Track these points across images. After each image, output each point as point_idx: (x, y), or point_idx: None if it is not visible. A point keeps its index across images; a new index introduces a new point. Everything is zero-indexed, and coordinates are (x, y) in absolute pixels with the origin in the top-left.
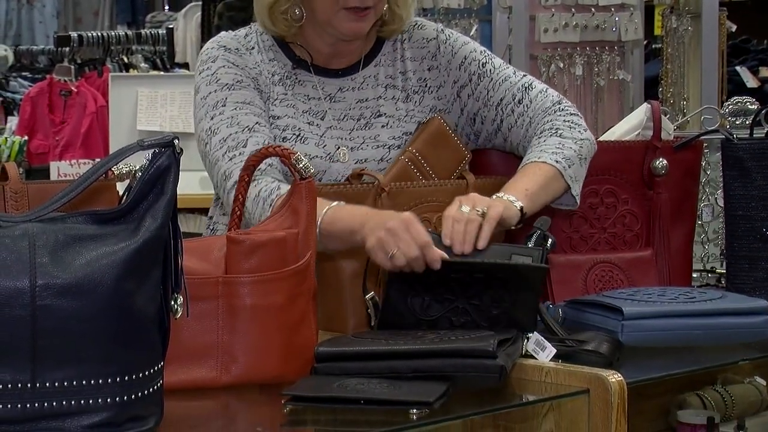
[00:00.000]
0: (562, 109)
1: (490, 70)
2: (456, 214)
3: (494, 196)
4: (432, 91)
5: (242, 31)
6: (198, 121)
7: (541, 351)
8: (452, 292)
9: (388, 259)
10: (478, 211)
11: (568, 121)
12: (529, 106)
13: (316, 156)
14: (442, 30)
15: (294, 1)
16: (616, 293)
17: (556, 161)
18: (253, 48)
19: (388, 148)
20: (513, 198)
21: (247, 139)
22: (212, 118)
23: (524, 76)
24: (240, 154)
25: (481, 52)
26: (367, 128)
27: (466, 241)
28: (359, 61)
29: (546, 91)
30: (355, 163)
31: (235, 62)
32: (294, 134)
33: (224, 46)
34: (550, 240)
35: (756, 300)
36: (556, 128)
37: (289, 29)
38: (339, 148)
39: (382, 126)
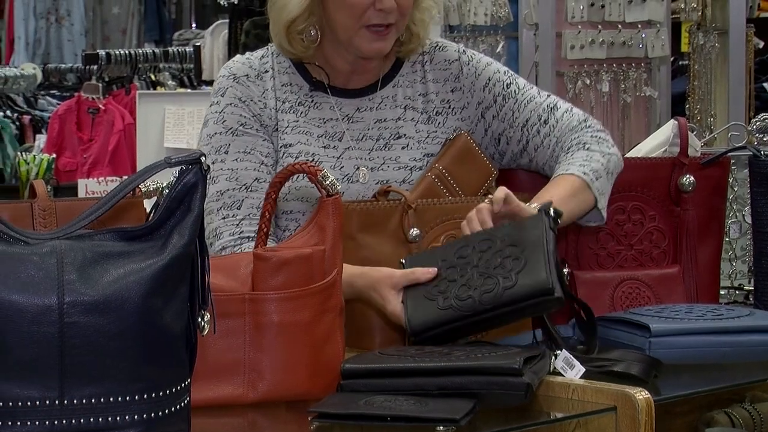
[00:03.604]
0: (589, 126)
1: (515, 91)
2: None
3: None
4: (456, 113)
5: (259, 52)
6: None
7: (570, 369)
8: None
9: None
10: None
11: (595, 136)
12: (555, 126)
13: (335, 179)
14: (463, 51)
15: (310, 22)
16: (643, 310)
17: (584, 173)
18: (267, 71)
19: (410, 169)
20: (536, 205)
21: (243, 200)
22: (213, 163)
23: (549, 96)
24: (233, 216)
25: (504, 72)
26: (386, 149)
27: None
28: (377, 81)
29: (571, 111)
30: (376, 183)
31: (241, 97)
32: (307, 160)
33: (234, 75)
34: (552, 210)
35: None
36: (584, 143)
37: (306, 50)
38: (359, 168)
39: (402, 147)
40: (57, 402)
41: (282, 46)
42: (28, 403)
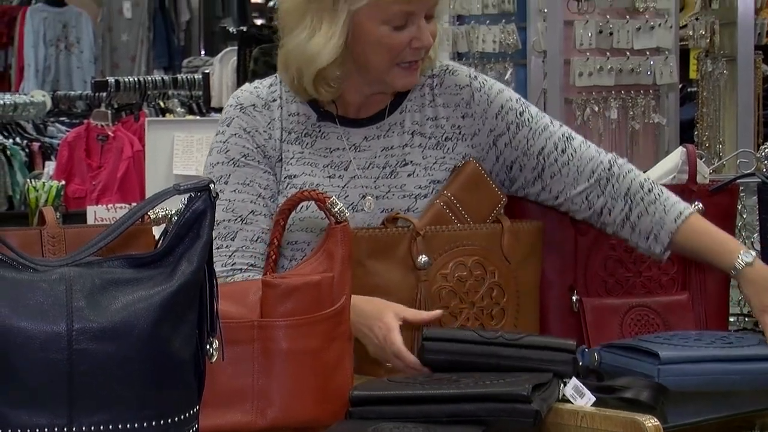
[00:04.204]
0: (615, 158)
1: (528, 119)
2: None
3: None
4: (466, 139)
5: (268, 80)
6: None
7: (579, 397)
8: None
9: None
10: None
11: (633, 168)
12: (574, 155)
13: None
14: (474, 77)
15: (340, 68)
16: (652, 337)
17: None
18: (275, 101)
19: (415, 197)
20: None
21: (237, 232)
22: None
23: (561, 125)
24: (227, 247)
25: (516, 100)
26: (392, 177)
27: None
28: (384, 109)
29: (586, 142)
30: (381, 212)
31: (246, 128)
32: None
33: (241, 105)
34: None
35: None
36: (640, 181)
37: (331, 94)
38: (365, 197)
39: (408, 175)
40: (66, 429)
41: (305, 90)
42: (37, 431)
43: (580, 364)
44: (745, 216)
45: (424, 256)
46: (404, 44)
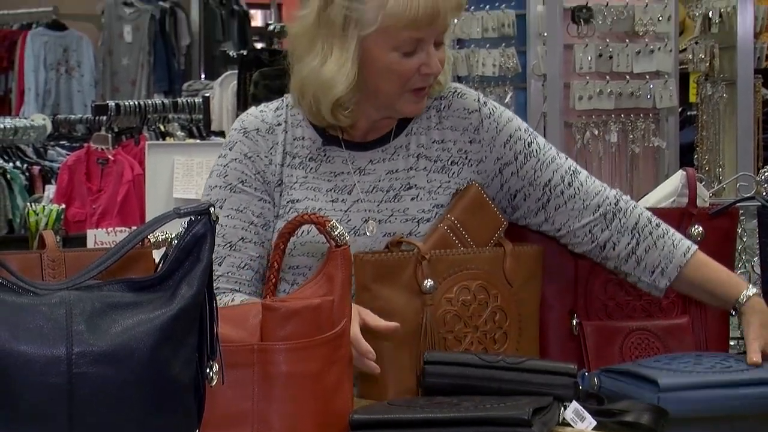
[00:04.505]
0: (620, 194)
1: (536, 150)
2: None
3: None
4: (472, 165)
5: (274, 104)
6: None
7: (580, 421)
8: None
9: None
10: None
11: (636, 205)
12: (580, 189)
13: None
14: (484, 102)
15: (351, 94)
16: (651, 362)
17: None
18: (279, 125)
19: (417, 221)
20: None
21: (225, 257)
22: None
23: (567, 158)
24: (213, 271)
25: (525, 130)
26: (396, 200)
27: None
28: (390, 132)
29: (591, 177)
30: (383, 236)
31: (248, 153)
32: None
33: (245, 129)
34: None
35: None
36: (648, 217)
37: (349, 120)
38: (367, 221)
39: (412, 198)
40: None
41: (323, 118)
42: None
43: (581, 387)
44: (745, 239)
45: (429, 280)
46: (413, 71)
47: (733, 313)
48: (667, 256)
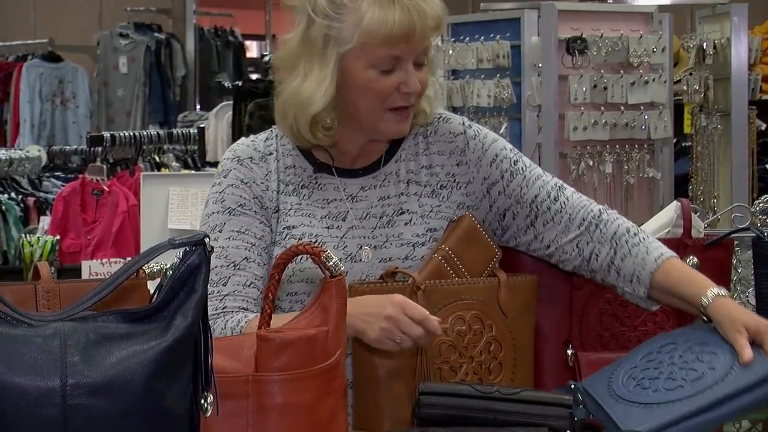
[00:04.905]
0: (604, 207)
1: (522, 168)
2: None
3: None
4: (460, 187)
5: (263, 135)
6: None
7: None
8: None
9: (397, 346)
10: None
11: (618, 217)
12: (566, 204)
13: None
14: (469, 125)
15: (333, 113)
16: (621, 383)
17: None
18: (271, 154)
19: (413, 245)
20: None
21: (230, 277)
22: None
23: (553, 177)
24: (218, 292)
25: (510, 149)
26: (389, 226)
27: None
28: (380, 159)
29: (578, 192)
30: (379, 262)
31: (244, 179)
32: (312, 242)
33: (238, 158)
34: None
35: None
36: (626, 227)
37: (332, 139)
38: (362, 247)
39: (405, 223)
40: None
41: (303, 137)
42: None
43: (576, 419)
44: (740, 270)
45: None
46: (392, 89)
47: (705, 319)
48: (640, 263)
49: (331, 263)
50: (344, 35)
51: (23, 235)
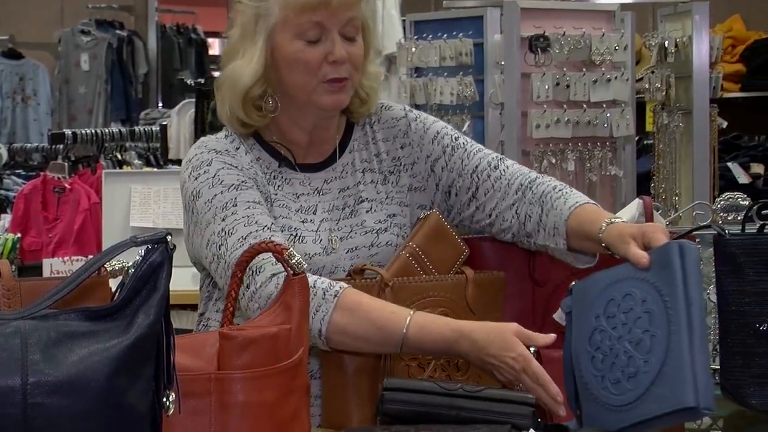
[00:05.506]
0: (544, 177)
1: (463, 143)
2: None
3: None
4: (407, 169)
5: (221, 134)
6: (204, 225)
7: None
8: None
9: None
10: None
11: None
12: (506, 171)
13: (316, 254)
14: (410, 110)
15: (266, 89)
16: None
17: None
18: (238, 148)
19: (376, 232)
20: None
21: (270, 238)
22: (224, 219)
23: (494, 152)
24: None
25: (451, 128)
26: (353, 216)
27: None
28: (335, 151)
29: (519, 165)
30: (346, 252)
31: (232, 163)
32: (292, 234)
33: (214, 149)
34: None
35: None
36: (553, 185)
37: (263, 119)
38: (331, 240)
39: (366, 211)
40: None
41: (238, 119)
42: None
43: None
44: (701, 268)
45: None
46: (319, 59)
47: (611, 253)
48: (558, 214)
49: (293, 261)
50: (270, 11)
51: None
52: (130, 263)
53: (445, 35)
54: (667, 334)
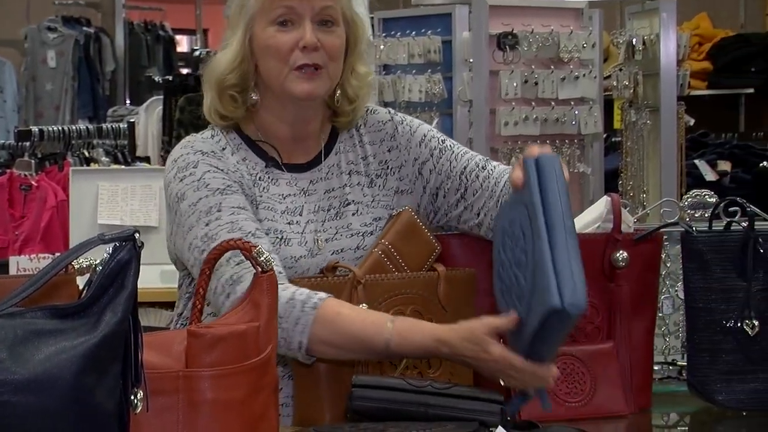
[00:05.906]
0: None
1: (450, 145)
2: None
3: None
4: (394, 172)
5: (207, 133)
6: (188, 229)
7: None
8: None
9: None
10: None
11: None
12: (493, 171)
13: (302, 256)
14: (395, 113)
15: (243, 80)
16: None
17: None
18: (224, 149)
19: (362, 235)
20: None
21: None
22: (207, 224)
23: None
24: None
25: (436, 131)
26: (338, 218)
27: None
28: (321, 152)
29: (502, 164)
30: (332, 254)
31: (218, 166)
32: (277, 237)
33: (201, 151)
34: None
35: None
36: None
37: (238, 110)
38: (317, 241)
39: (353, 214)
40: None
41: (216, 110)
42: None
43: (508, 418)
44: (669, 265)
45: (365, 305)
46: (291, 45)
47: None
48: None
49: (261, 258)
50: (250, 2)
51: None
52: (98, 261)
53: (413, 32)
54: (533, 246)
